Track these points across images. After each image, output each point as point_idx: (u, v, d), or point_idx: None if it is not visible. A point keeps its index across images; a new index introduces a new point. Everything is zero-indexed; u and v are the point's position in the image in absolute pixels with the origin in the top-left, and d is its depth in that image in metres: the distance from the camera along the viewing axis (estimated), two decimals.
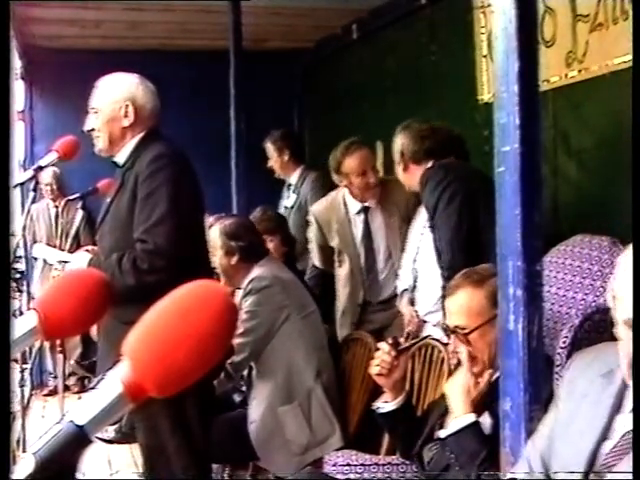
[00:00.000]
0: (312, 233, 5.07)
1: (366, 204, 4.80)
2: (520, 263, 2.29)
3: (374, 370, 3.01)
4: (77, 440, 0.99)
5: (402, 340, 3.11)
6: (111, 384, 1.02)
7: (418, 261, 4.26)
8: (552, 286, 2.82)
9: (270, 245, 4.58)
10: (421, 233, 4.27)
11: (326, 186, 5.38)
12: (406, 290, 4.37)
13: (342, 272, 4.90)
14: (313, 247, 5.10)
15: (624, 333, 1.84)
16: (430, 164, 4.02)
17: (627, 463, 1.91)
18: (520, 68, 2.34)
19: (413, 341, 3.33)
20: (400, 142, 4.11)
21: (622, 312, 1.85)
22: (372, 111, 6.28)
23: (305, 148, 6.24)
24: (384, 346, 3.02)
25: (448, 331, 2.86)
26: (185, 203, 3.32)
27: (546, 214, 4.00)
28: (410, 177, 4.11)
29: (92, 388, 4.10)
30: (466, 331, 2.74)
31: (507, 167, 2.36)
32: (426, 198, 3.92)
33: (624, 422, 1.99)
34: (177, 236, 3.22)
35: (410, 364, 3.56)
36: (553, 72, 4.24)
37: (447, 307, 2.88)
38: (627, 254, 1.88)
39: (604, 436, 2.01)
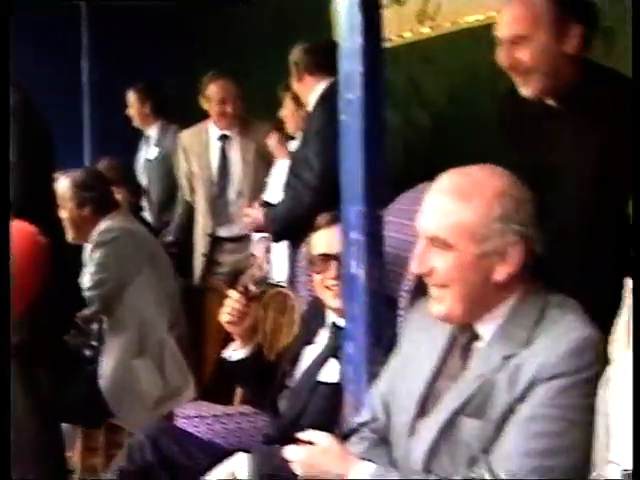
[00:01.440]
0: (180, 161, 5.16)
1: (226, 132, 4.99)
2: (362, 208, 2.31)
3: (224, 318, 2.99)
4: None
5: (253, 287, 3.11)
6: None
7: None
8: (398, 232, 2.86)
9: (117, 196, 4.52)
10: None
11: None
12: (265, 237, 4.41)
13: (197, 200, 5.04)
14: (181, 176, 5.19)
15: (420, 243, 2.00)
16: (326, 80, 3.91)
17: (455, 393, 1.98)
18: (364, 18, 2.35)
19: (262, 288, 3.33)
20: (296, 54, 4.08)
21: (422, 232, 1.99)
22: (230, 61, 6.20)
23: (166, 101, 6.14)
24: (234, 294, 3.01)
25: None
26: (30, 154, 3.22)
27: (398, 163, 4.10)
28: (304, 88, 4.07)
29: None
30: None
31: (350, 115, 2.38)
32: (319, 111, 3.88)
33: (455, 362, 2.05)
34: (21, 187, 3.12)
35: (263, 312, 3.58)
36: (405, 28, 4.35)
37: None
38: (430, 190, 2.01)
39: (437, 375, 2.07)
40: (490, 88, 3.31)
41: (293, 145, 4.49)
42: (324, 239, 2.93)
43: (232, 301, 3.00)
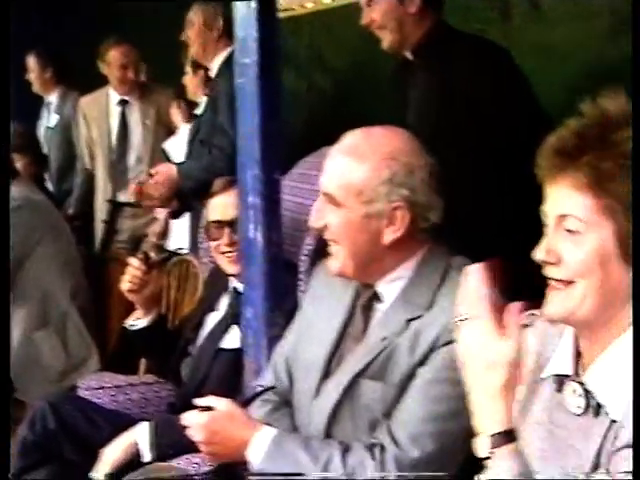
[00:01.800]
0: (80, 127, 5.15)
1: (125, 97, 4.99)
2: (258, 172, 2.31)
3: (125, 286, 2.96)
4: None
5: (153, 255, 3.07)
6: None
7: None
8: (298, 196, 2.86)
9: (18, 164, 4.44)
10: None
11: None
12: None
13: (97, 166, 5.05)
14: (81, 143, 5.17)
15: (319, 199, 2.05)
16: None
17: (358, 355, 2.00)
18: None
19: (163, 255, 3.29)
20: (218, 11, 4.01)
21: (320, 188, 2.03)
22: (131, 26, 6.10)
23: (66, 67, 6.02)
24: (134, 261, 2.97)
25: None
26: None
27: (303, 128, 4.12)
28: (211, 50, 4.03)
29: None
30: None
31: (246, 78, 2.38)
32: (227, 76, 3.81)
33: (357, 323, 2.07)
34: None
35: (166, 280, 3.56)
36: None
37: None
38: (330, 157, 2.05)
39: (341, 336, 2.08)
40: (387, 55, 3.36)
41: (198, 111, 4.47)
42: (218, 205, 2.91)
43: (132, 269, 2.96)
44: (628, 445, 1.37)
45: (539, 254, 1.50)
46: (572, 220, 1.46)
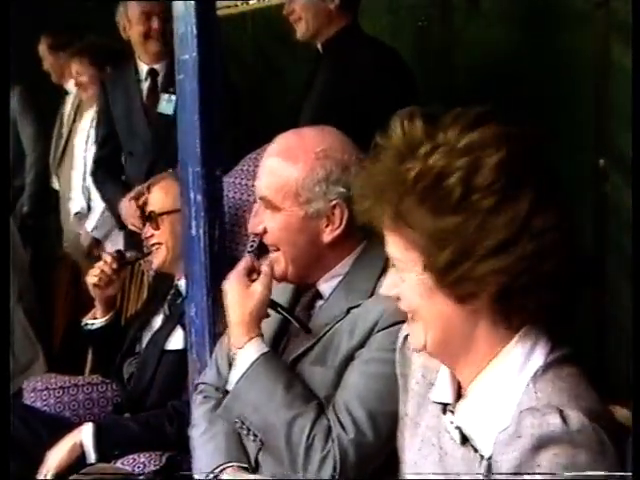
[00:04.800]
0: None
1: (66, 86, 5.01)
2: (199, 169, 2.30)
3: (92, 280, 2.92)
4: None
5: (129, 255, 3.08)
6: None
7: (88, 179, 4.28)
8: (241, 193, 2.86)
9: None
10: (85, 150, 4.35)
11: (35, 104, 5.27)
12: (78, 213, 4.42)
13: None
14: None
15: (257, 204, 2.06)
16: None
17: (299, 343, 2.00)
18: None
19: (138, 255, 3.25)
20: None
21: (256, 193, 2.04)
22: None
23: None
24: (107, 257, 2.96)
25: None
26: None
27: (254, 127, 4.10)
28: None
29: None
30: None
31: (186, 75, 2.36)
32: None
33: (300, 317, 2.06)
34: None
35: None
36: None
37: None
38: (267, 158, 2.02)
39: (283, 331, 2.06)
40: None
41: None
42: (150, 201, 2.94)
43: (103, 265, 2.94)
44: None
45: (384, 289, 1.51)
46: (395, 260, 1.43)
